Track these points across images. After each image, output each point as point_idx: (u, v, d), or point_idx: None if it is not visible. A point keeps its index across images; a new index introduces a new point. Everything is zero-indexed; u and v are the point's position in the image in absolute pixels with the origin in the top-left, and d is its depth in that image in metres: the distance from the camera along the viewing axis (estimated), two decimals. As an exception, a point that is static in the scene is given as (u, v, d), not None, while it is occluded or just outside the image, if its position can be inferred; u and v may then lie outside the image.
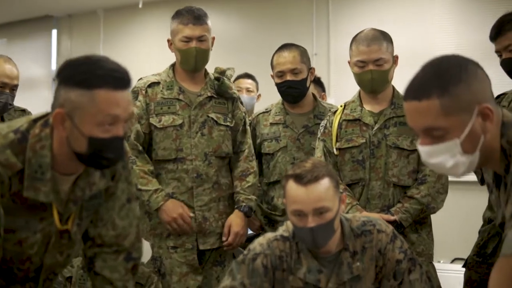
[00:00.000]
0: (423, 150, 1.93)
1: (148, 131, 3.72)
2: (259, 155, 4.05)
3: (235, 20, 7.65)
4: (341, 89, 6.79)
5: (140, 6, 7.89)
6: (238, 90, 4.18)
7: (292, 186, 2.59)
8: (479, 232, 3.86)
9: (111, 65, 2.12)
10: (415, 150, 3.54)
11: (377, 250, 2.66)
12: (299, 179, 2.57)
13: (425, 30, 6.62)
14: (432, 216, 3.65)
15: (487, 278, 3.71)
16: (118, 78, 2.10)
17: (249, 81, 5.33)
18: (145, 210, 3.71)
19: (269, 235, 2.75)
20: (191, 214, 3.67)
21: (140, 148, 3.67)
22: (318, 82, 5.15)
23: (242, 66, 5.52)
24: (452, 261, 6.06)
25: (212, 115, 3.75)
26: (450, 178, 3.58)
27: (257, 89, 5.55)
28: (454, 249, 5.86)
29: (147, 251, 3.78)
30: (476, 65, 1.93)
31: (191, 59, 3.69)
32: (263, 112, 4.12)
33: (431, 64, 1.94)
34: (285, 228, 2.73)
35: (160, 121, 3.69)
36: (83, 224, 2.36)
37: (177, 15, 3.75)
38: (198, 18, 3.68)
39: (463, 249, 3.83)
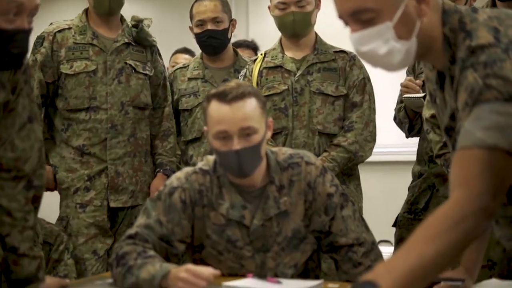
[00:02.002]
0: (353, 37, 1.77)
1: (52, 80, 3.49)
2: (176, 112, 3.84)
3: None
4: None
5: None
6: (173, 66, 4.06)
7: (214, 106, 2.37)
8: (409, 188, 3.72)
9: None
10: (340, 96, 3.43)
11: (306, 184, 2.46)
12: (223, 96, 2.35)
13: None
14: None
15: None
16: None
17: (187, 56, 5.10)
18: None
19: (187, 169, 2.52)
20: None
21: (40, 101, 3.45)
22: (253, 47, 4.95)
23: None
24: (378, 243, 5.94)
25: (130, 62, 3.55)
26: (369, 159, 3.48)
27: None
28: (380, 231, 5.75)
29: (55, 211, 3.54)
30: None
31: (105, 1, 3.48)
32: (181, 67, 3.92)
33: None
34: (205, 162, 2.50)
35: (71, 67, 3.47)
36: None
37: None
38: None
39: (390, 230, 3.66)
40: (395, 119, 3.82)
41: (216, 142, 2.37)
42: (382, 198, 5.34)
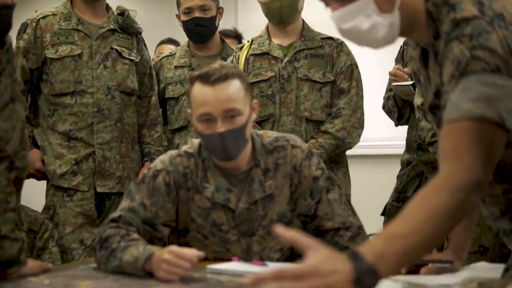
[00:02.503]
0: (334, 16, 1.74)
1: (36, 66, 3.46)
2: (163, 101, 3.80)
3: None
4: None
5: None
6: (158, 57, 4.02)
7: (197, 88, 2.33)
8: (397, 177, 3.71)
9: None
10: (328, 83, 3.41)
11: (291, 167, 2.43)
12: (206, 78, 2.32)
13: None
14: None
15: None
16: None
17: (172, 46, 5.06)
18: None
19: (172, 151, 2.50)
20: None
21: (23, 87, 3.41)
22: (236, 36, 4.92)
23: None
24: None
25: (116, 47, 3.52)
26: (355, 152, 3.45)
27: None
28: (367, 225, 5.72)
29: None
30: None
31: None
32: (167, 56, 3.89)
33: None
34: (189, 146, 2.47)
35: (56, 51, 3.44)
36: None
37: None
38: None
39: (378, 224, 3.63)
40: (384, 107, 3.81)
41: (199, 125, 2.34)
42: (370, 192, 5.30)
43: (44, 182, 3.58)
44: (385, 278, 1.43)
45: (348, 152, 3.58)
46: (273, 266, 2.22)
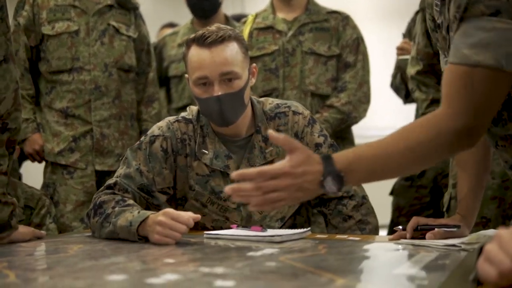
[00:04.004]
0: None
1: (35, 44, 3.39)
2: (166, 80, 3.73)
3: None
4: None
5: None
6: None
7: (194, 51, 2.26)
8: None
9: None
10: (333, 56, 3.34)
11: (293, 134, 2.36)
12: (202, 40, 2.24)
13: None
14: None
15: (416, 203, 3.52)
16: None
17: None
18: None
19: (169, 117, 2.42)
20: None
21: (27, 65, 3.37)
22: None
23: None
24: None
25: (114, 23, 3.43)
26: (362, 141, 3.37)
27: None
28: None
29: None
30: None
31: None
32: (171, 34, 3.83)
33: None
34: (188, 112, 2.40)
35: (53, 28, 3.36)
36: None
37: None
38: None
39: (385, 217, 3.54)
40: (391, 85, 3.74)
41: (196, 89, 2.26)
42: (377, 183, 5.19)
43: (40, 165, 3.53)
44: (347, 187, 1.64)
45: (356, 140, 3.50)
46: (271, 231, 2.15)
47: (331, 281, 1.39)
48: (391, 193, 3.67)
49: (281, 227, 2.35)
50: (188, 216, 1.99)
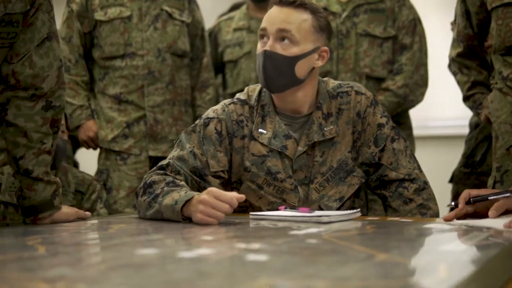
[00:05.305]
0: None
1: (89, 30, 3.39)
2: (222, 66, 3.70)
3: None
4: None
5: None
6: None
7: (269, 10, 2.28)
8: (466, 141, 3.50)
9: None
10: (389, 38, 3.26)
11: (355, 113, 2.30)
12: (280, 2, 2.24)
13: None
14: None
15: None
16: None
17: None
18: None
19: (225, 100, 2.39)
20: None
21: (81, 51, 3.38)
22: None
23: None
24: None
25: (167, 8, 3.41)
26: (417, 134, 3.29)
27: None
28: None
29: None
30: None
31: None
32: (226, 19, 3.79)
33: None
34: (245, 91, 2.36)
35: (105, 13, 3.35)
36: None
37: None
38: None
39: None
40: (449, 66, 3.62)
41: (258, 45, 2.25)
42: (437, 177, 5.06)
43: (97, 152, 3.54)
44: None
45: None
46: (319, 212, 2.09)
47: (371, 257, 1.33)
48: (451, 180, 3.56)
49: (339, 208, 2.28)
50: (232, 195, 1.94)
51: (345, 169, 2.27)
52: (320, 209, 2.23)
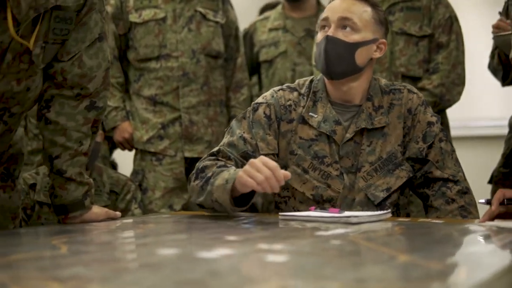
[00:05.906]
0: None
1: (124, 32, 3.41)
2: (257, 66, 3.70)
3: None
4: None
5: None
6: None
7: (332, 2, 2.34)
8: (505, 141, 3.44)
9: None
10: (425, 37, 3.22)
11: (406, 109, 2.32)
12: None
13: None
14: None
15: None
16: None
17: None
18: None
19: (275, 87, 2.43)
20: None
21: (116, 53, 3.41)
22: None
23: None
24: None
25: (200, 9, 3.41)
26: (458, 134, 3.23)
27: None
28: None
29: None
30: None
31: None
32: (261, 19, 3.79)
33: None
34: (295, 83, 2.41)
35: (140, 15, 3.38)
36: (48, 51, 2.00)
37: None
38: None
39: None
40: (489, 66, 3.57)
41: (318, 35, 2.30)
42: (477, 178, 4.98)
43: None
44: None
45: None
46: (348, 214, 2.07)
47: (393, 258, 1.31)
48: (490, 181, 3.50)
49: (385, 198, 2.26)
50: (276, 165, 1.94)
51: (394, 161, 2.27)
52: (367, 198, 2.23)
